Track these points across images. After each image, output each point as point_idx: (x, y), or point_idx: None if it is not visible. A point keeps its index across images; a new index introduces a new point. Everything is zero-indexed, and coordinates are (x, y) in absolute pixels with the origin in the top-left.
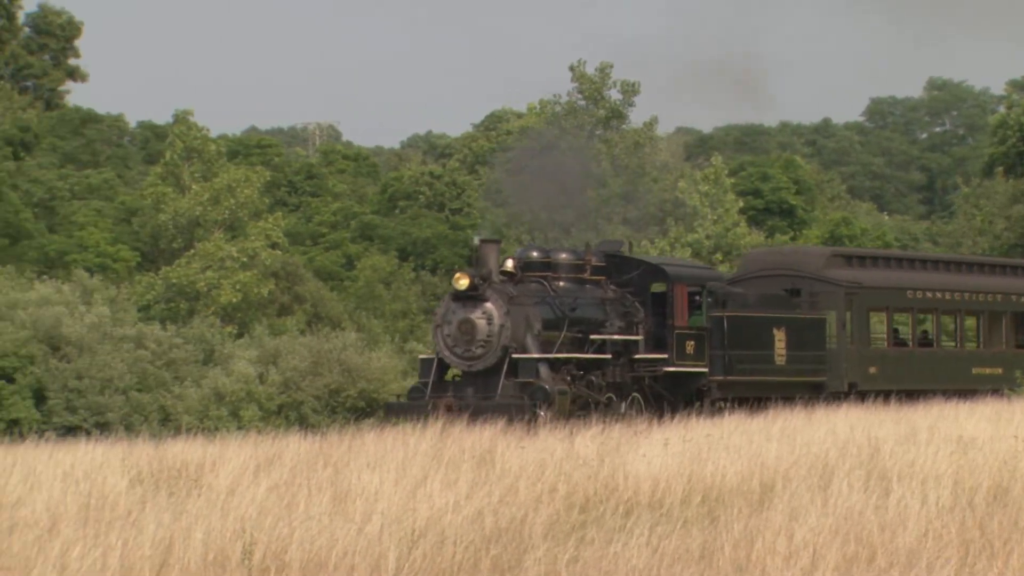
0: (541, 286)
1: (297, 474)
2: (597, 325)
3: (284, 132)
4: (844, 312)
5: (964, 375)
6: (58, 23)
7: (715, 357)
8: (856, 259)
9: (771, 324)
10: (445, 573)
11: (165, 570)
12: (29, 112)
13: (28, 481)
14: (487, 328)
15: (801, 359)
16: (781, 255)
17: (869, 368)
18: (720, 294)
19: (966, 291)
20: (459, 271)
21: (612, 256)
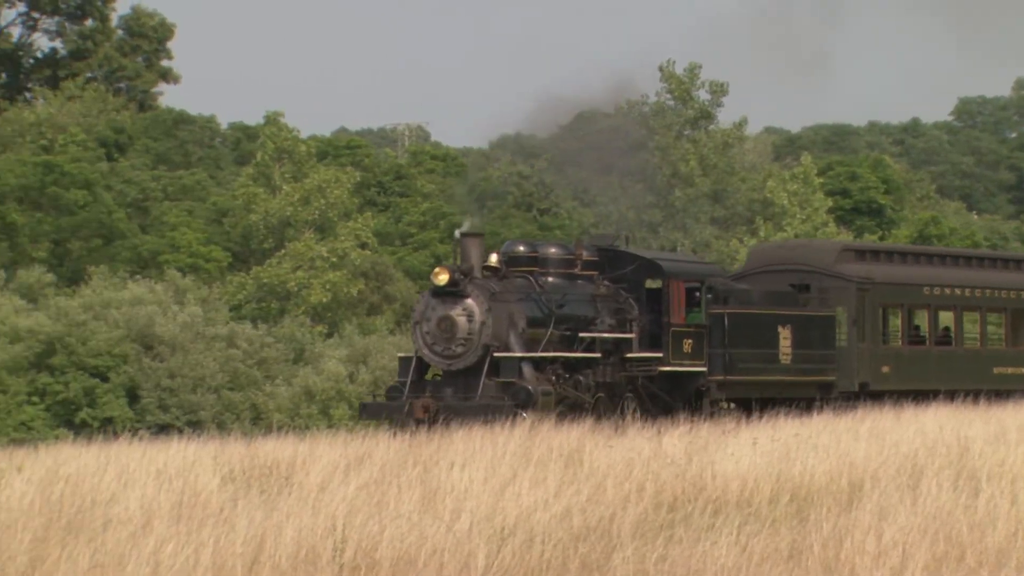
0: (527, 282)
1: (387, 472)
2: (587, 322)
3: (373, 133)
4: (855, 308)
5: (986, 375)
6: (151, 25)
7: (715, 356)
8: (869, 253)
9: (775, 321)
10: (534, 571)
11: (256, 567)
12: (123, 114)
13: (122, 479)
14: (467, 326)
15: (808, 358)
16: (790, 250)
17: (882, 367)
18: (721, 290)
19: (989, 287)
20: (439, 266)
21: (605, 251)
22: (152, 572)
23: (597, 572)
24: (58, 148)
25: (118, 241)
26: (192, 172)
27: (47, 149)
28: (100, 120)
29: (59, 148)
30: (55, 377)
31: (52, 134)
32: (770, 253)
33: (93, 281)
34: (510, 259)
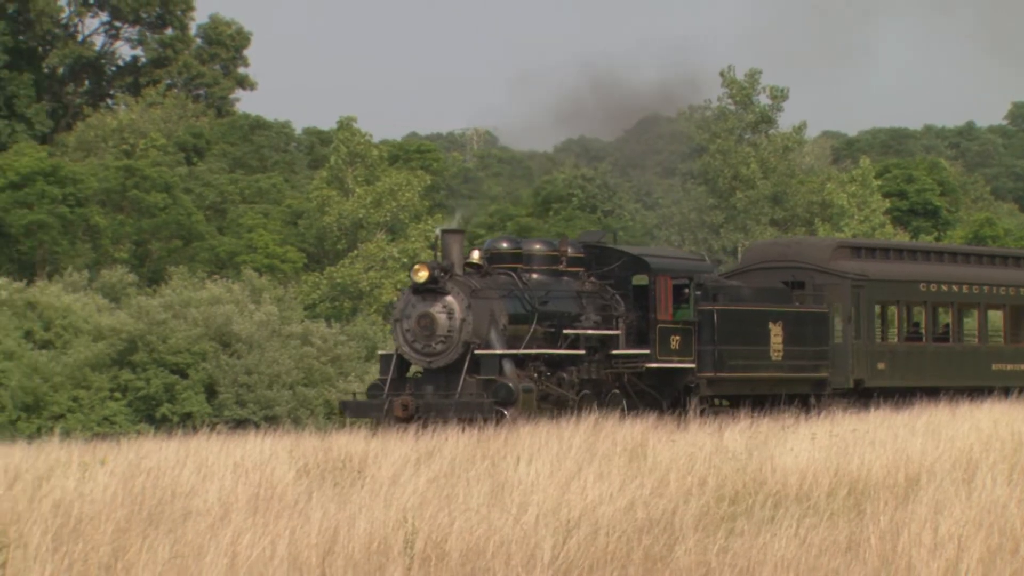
0: (510, 278)
1: (456, 467)
2: (571, 319)
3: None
4: (850, 305)
5: (984, 371)
6: (228, 33)
7: (704, 352)
8: (865, 250)
9: (766, 318)
10: (598, 562)
11: (330, 558)
12: (201, 119)
13: (201, 472)
14: (447, 323)
15: (800, 354)
16: (785, 247)
17: (877, 364)
18: (711, 287)
19: (988, 284)
20: (419, 263)
21: (592, 247)
22: (230, 563)
23: (660, 564)
24: (139, 153)
25: (197, 242)
26: (268, 176)
27: (129, 154)
28: (179, 126)
29: (140, 153)
30: (137, 374)
31: (133, 139)
32: (766, 250)
33: (173, 281)
34: (493, 256)
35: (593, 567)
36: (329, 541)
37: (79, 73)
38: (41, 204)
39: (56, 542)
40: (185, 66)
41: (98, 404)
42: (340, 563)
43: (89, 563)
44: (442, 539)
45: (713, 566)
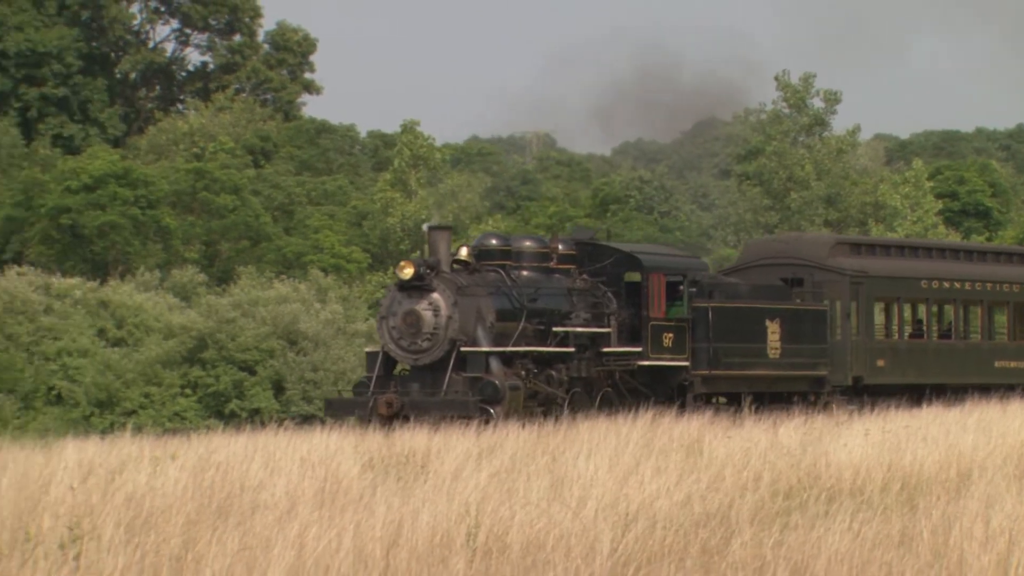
0: (498, 275)
1: (517, 462)
2: (561, 317)
3: (503, 140)
4: (849, 302)
5: (986, 368)
6: (295, 40)
7: (699, 350)
8: (865, 247)
9: (763, 315)
10: (656, 555)
11: (395, 550)
12: (268, 123)
13: (269, 466)
14: (433, 320)
15: (798, 352)
16: (783, 243)
17: (877, 361)
18: (705, 284)
19: (991, 281)
20: (404, 259)
21: (584, 244)
22: (297, 555)
23: (716, 557)
24: (208, 156)
25: (264, 243)
26: (333, 178)
27: (198, 157)
28: (248, 129)
29: (209, 156)
30: (206, 371)
31: (203, 143)
32: (764, 247)
33: (241, 280)
34: (482, 253)
35: (651, 560)
36: (393, 534)
37: (151, 79)
38: (114, 206)
39: (128, 534)
40: (253, 71)
41: (169, 400)
42: (404, 555)
43: (160, 554)
44: (503, 532)
45: (768, 559)
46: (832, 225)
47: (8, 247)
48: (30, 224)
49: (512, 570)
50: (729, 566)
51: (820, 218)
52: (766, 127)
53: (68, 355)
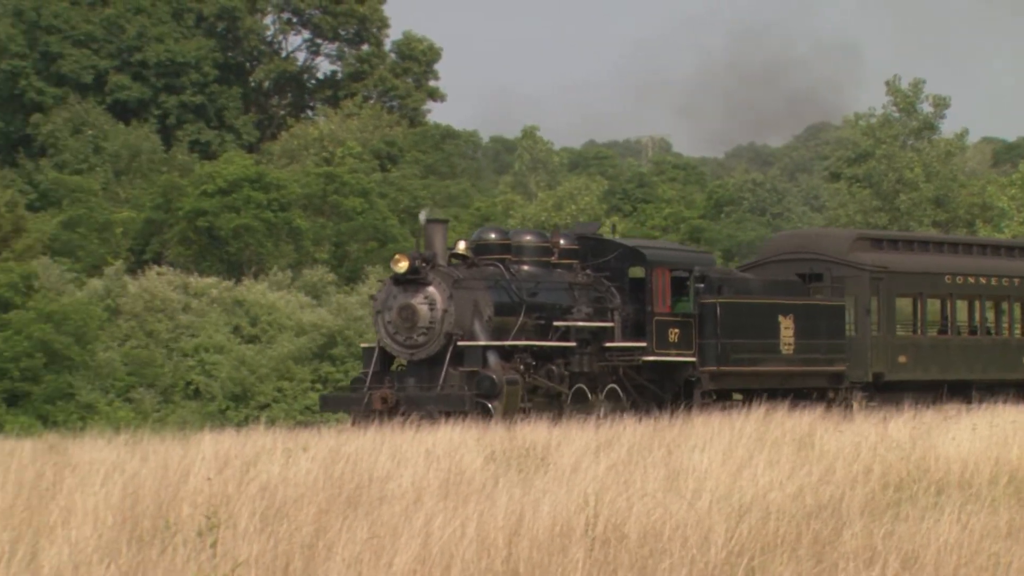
0: (497, 269)
1: (633, 454)
2: (562, 311)
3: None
4: (869, 298)
5: (1014, 364)
6: (420, 49)
7: (707, 346)
8: (887, 242)
9: (776, 311)
10: (769, 546)
11: (516, 539)
12: (395, 129)
13: (395, 459)
14: (429, 314)
15: (813, 348)
16: (803, 238)
17: (898, 357)
18: (714, 279)
19: (1019, 276)
20: (400, 253)
21: (587, 239)
22: (423, 543)
23: (828, 547)
24: (338, 160)
25: (391, 244)
26: (457, 181)
27: (328, 161)
28: (375, 135)
29: (338, 160)
30: (336, 366)
31: (332, 148)
32: (784, 242)
33: (369, 280)
34: (480, 247)
35: (764, 550)
36: (515, 523)
37: (283, 87)
38: (248, 209)
39: (262, 522)
40: (380, 80)
41: (300, 394)
42: (525, 544)
43: (293, 542)
44: (621, 522)
45: (879, 550)
46: (940, 225)
47: (148, 248)
48: (169, 226)
49: (630, 559)
50: (841, 556)
51: (928, 219)
52: (876, 131)
53: (205, 351)
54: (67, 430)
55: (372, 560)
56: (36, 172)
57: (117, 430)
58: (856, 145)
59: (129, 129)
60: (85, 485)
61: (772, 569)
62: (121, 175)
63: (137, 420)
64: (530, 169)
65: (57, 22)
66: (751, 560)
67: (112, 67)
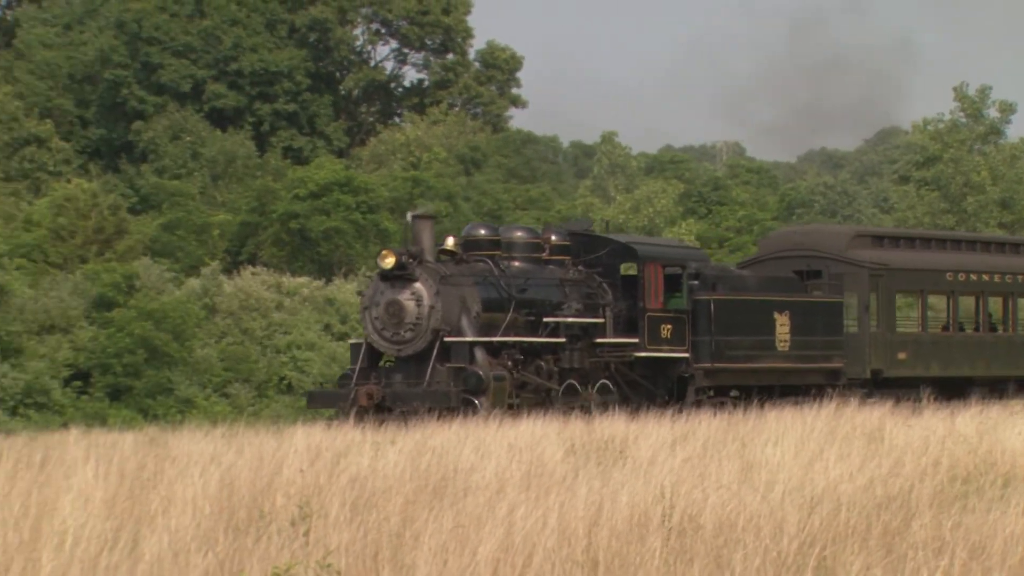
0: (486, 265)
1: (708, 448)
2: (552, 307)
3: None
4: (868, 294)
5: (1018, 361)
6: (503, 58)
7: (700, 343)
8: (888, 239)
9: (771, 308)
10: (840, 535)
11: (595, 529)
12: (478, 135)
13: (479, 451)
14: (416, 310)
15: (810, 345)
16: (802, 235)
17: (897, 354)
18: (708, 276)
19: (1021, 273)
20: (386, 248)
21: (579, 235)
22: (506, 532)
23: (898, 538)
24: (423, 165)
25: None
26: (537, 185)
27: (415, 166)
28: (459, 141)
29: (424, 165)
30: None
31: (419, 153)
32: (783, 239)
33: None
34: (469, 243)
35: (835, 540)
36: (594, 514)
37: (371, 95)
38: (337, 211)
39: (352, 512)
40: (465, 87)
41: None
42: (604, 533)
43: (381, 531)
44: (697, 513)
45: (947, 540)
46: (1005, 227)
47: (244, 249)
48: (263, 228)
49: (705, 549)
50: (910, 546)
51: (994, 220)
52: (944, 136)
53: (297, 348)
54: (167, 423)
55: (457, 549)
56: (137, 177)
57: (214, 424)
58: (924, 149)
59: (225, 136)
60: (184, 476)
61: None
62: (218, 180)
63: (233, 414)
64: (609, 173)
65: (157, 34)
66: (822, 550)
67: (209, 76)
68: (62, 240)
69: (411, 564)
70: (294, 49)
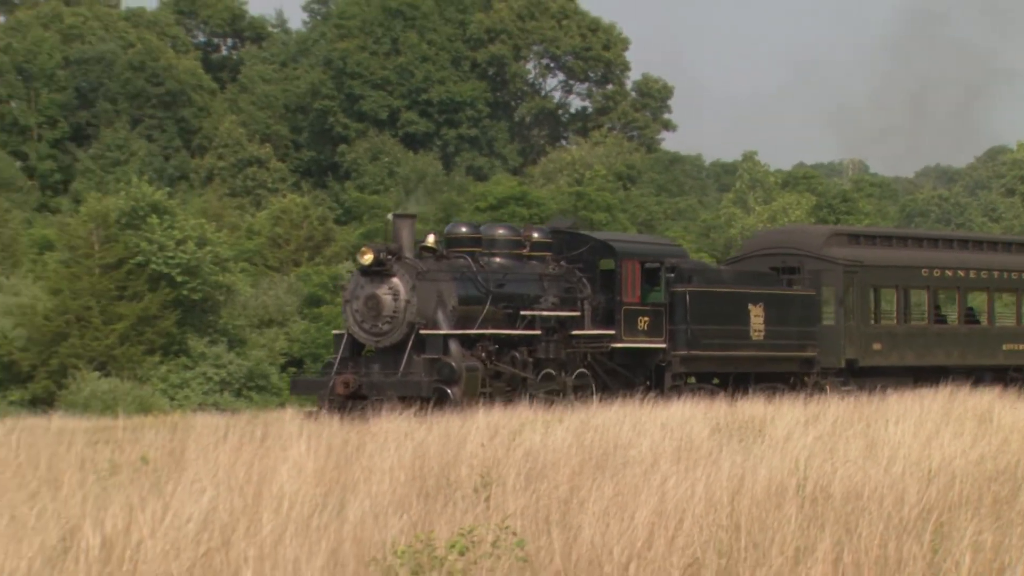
0: (465, 262)
1: (837, 427)
2: (530, 301)
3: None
4: (843, 289)
5: (992, 351)
6: (656, 88)
7: (677, 332)
8: (864, 238)
9: (746, 299)
10: (954, 504)
11: (738, 497)
12: (634, 155)
13: (636, 429)
14: (393, 304)
15: (784, 335)
16: (783, 234)
17: (873, 344)
18: (685, 270)
19: (996, 269)
20: (365, 245)
21: (561, 233)
22: (659, 500)
23: (1006, 506)
24: (586, 181)
25: None
26: (685, 198)
27: (579, 181)
28: (617, 160)
29: (587, 181)
30: None
31: (582, 170)
32: (765, 238)
33: None
34: (452, 240)
35: (950, 508)
36: (737, 484)
37: (542, 120)
38: (513, 222)
39: (526, 481)
40: (622, 114)
41: None
42: (746, 501)
43: (551, 498)
44: (827, 484)
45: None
46: None
47: None
48: None
49: (835, 515)
50: (1017, 514)
51: None
52: None
53: None
54: None
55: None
56: (341, 192)
57: None
58: None
59: (417, 156)
60: (382, 450)
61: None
62: (410, 194)
63: None
64: (749, 187)
65: (359, 69)
66: (939, 516)
67: (403, 106)
68: (278, 246)
69: (577, 526)
70: (476, 82)
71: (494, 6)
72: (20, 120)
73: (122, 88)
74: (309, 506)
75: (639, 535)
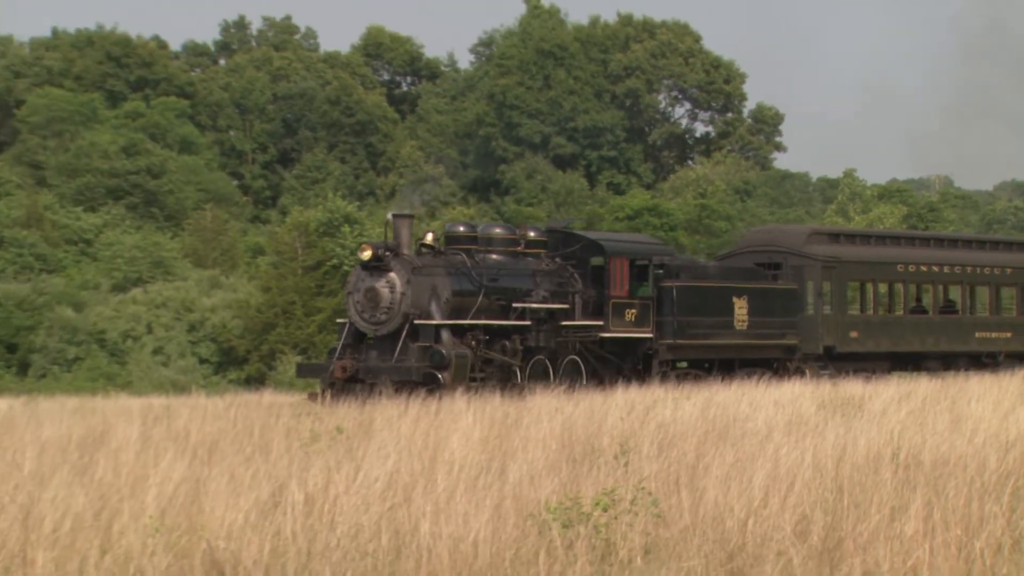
0: (462, 258)
1: (926, 404)
2: (522, 294)
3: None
4: (821, 283)
5: (965, 338)
6: (770, 114)
7: (664, 322)
8: (844, 236)
9: (730, 293)
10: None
11: (841, 464)
12: (750, 173)
13: (752, 405)
14: (389, 296)
15: (766, 324)
16: (767, 233)
17: (850, 332)
18: (672, 266)
19: (970, 264)
20: (364, 243)
21: (557, 232)
22: (773, 466)
23: None
24: (709, 195)
25: None
26: (793, 210)
27: (703, 195)
28: (736, 177)
29: (709, 195)
30: None
31: (705, 186)
32: (753, 237)
33: None
34: (450, 238)
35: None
36: (840, 453)
37: (671, 144)
38: (647, 229)
39: (659, 449)
40: (740, 138)
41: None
42: (847, 467)
43: (680, 463)
44: (917, 453)
45: None
46: None
47: None
48: None
49: (925, 479)
50: None
51: None
52: None
53: None
54: None
55: (737, 477)
56: (502, 205)
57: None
58: None
59: (565, 175)
60: (537, 422)
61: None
62: (560, 207)
63: None
64: (849, 199)
65: (516, 101)
66: (1016, 481)
67: (553, 132)
68: None
69: (702, 488)
70: (615, 111)
71: (631, 47)
72: (237, 146)
73: (320, 119)
74: (476, 469)
75: (756, 495)
